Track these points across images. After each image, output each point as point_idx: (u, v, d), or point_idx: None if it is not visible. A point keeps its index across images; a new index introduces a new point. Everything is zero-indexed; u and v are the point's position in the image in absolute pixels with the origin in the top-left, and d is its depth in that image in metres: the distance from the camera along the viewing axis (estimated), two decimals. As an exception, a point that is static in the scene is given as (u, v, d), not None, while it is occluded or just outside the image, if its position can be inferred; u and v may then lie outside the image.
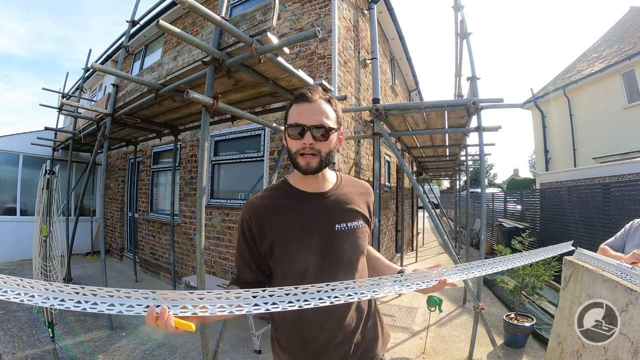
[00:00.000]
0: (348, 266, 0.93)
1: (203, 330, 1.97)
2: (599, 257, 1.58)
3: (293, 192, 0.96)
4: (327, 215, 0.93)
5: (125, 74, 2.94)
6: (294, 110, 0.90)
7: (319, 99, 0.90)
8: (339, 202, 0.97)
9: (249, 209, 0.94)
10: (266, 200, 0.96)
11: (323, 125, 0.87)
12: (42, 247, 2.52)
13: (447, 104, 3.25)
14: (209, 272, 4.30)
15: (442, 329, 3.51)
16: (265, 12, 1.94)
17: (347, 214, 0.95)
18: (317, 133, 0.87)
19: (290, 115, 0.91)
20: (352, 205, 0.98)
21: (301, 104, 0.89)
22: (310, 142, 0.86)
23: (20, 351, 2.75)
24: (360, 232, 0.96)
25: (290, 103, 0.93)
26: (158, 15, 5.27)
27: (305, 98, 0.89)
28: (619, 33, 10.88)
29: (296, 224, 0.91)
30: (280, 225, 0.91)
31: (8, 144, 6.42)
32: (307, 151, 0.87)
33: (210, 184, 4.50)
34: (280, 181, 1.02)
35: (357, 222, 0.96)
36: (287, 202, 0.94)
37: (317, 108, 0.89)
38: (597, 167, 7.28)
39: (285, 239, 0.90)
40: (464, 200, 7.01)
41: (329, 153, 0.92)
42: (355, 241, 0.94)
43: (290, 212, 0.93)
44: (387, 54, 6.66)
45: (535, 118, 12.56)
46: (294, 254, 0.89)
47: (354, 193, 1.02)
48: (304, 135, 0.86)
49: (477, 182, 13.56)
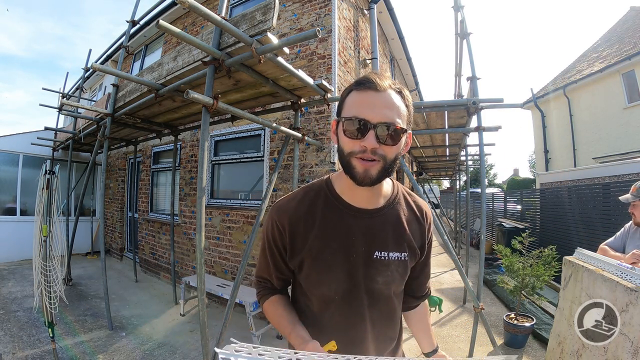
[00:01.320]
0: (379, 298, 0.79)
1: (203, 331, 1.97)
2: (599, 257, 1.58)
3: (337, 202, 0.78)
4: (369, 237, 0.77)
5: (125, 74, 2.94)
6: (355, 99, 0.68)
7: (389, 87, 0.68)
8: (387, 225, 0.79)
9: (280, 213, 0.79)
10: (302, 205, 0.79)
11: (394, 124, 0.66)
12: (42, 247, 2.52)
13: (447, 104, 3.25)
14: (209, 272, 4.30)
15: (442, 329, 3.51)
16: (265, 12, 1.94)
17: (392, 241, 0.78)
18: (384, 133, 0.65)
19: (348, 105, 0.70)
20: (401, 232, 0.80)
21: (365, 91, 0.67)
22: (374, 146, 0.65)
23: (20, 351, 2.75)
24: (400, 266, 0.79)
25: (350, 88, 0.71)
26: (158, 15, 5.27)
27: (372, 84, 0.67)
28: (619, 33, 10.88)
29: (333, 244, 0.76)
30: (314, 241, 0.76)
31: (8, 144, 6.42)
32: (368, 156, 0.66)
33: (210, 184, 4.50)
34: (320, 182, 0.83)
35: (400, 253, 0.78)
36: (327, 212, 0.78)
37: (387, 100, 0.67)
38: (597, 167, 7.28)
39: (316, 259, 0.76)
40: (464, 200, 7.01)
41: (395, 160, 0.70)
42: (392, 275, 0.78)
43: (329, 227, 0.77)
44: (387, 54, 6.66)
45: (535, 118, 12.56)
46: (324, 277, 0.76)
47: (407, 215, 0.83)
48: (365, 135, 0.65)
49: (477, 182, 13.56)
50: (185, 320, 3.60)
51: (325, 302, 0.79)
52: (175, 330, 3.33)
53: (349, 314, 0.79)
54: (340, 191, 0.79)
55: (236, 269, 3.95)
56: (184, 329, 3.36)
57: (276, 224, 0.79)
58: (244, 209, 3.99)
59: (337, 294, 0.77)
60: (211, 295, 3.87)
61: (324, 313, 0.81)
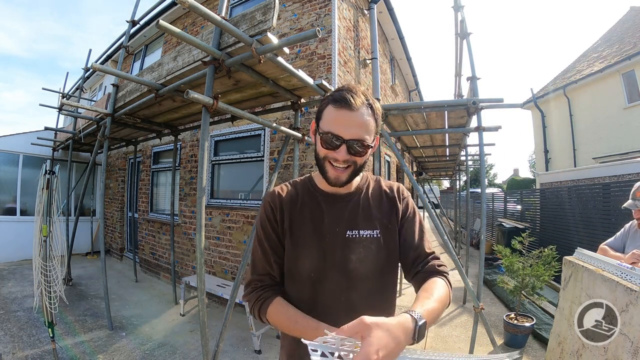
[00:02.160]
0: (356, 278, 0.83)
1: (203, 331, 1.97)
2: (599, 257, 1.58)
3: (315, 191, 0.91)
4: (341, 219, 0.86)
5: (125, 74, 2.94)
6: (331, 116, 0.78)
7: (361, 105, 0.77)
8: (358, 207, 0.88)
9: (273, 197, 0.91)
10: (289, 192, 0.92)
11: (362, 140, 0.77)
12: (42, 247, 2.52)
13: (447, 104, 3.25)
14: (209, 272, 4.30)
15: (442, 329, 3.51)
16: (265, 12, 1.94)
17: (363, 220, 0.86)
18: (355, 148, 0.77)
19: (325, 119, 0.80)
20: (372, 211, 0.88)
21: (340, 109, 0.77)
22: (345, 158, 0.78)
23: (20, 351, 2.75)
24: (373, 243, 0.85)
25: (327, 102, 0.81)
26: (158, 15, 5.27)
27: (347, 104, 0.76)
28: (619, 33, 10.88)
29: (309, 223, 0.86)
30: (295, 222, 0.87)
31: (8, 144, 6.42)
32: (339, 164, 0.79)
33: (210, 184, 4.50)
34: (305, 177, 0.97)
35: (372, 230, 0.86)
36: (306, 199, 0.90)
37: (359, 119, 0.77)
38: (597, 167, 7.28)
39: (293, 235, 0.86)
40: (464, 200, 7.01)
41: (364, 164, 0.83)
42: (364, 252, 0.83)
43: (307, 210, 0.88)
44: (387, 54, 6.66)
45: (535, 118, 12.56)
46: (299, 252, 0.84)
47: (377, 196, 0.92)
48: (338, 148, 0.77)
49: (477, 182, 13.56)
50: (185, 320, 3.60)
51: (303, 282, 0.84)
52: (175, 330, 3.33)
53: (327, 296, 0.83)
54: (318, 182, 0.92)
55: (236, 269, 3.95)
56: (184, 329, 3.36)
57: (269, 205, 0.89)
58: (244, 209, 3.99)
59: (313, 272, 0.83)
60: (211, 295, 3.87)
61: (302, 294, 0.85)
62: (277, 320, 0.82)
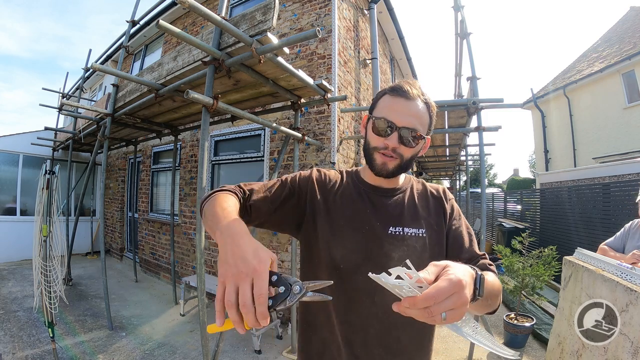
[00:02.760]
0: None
1: (203, 331, 1.97)
2: (599, 257, 1.58)
3: (360, 182, 0.87)
4: (384, 214, 0.81)
5: (125, 74, 2.94)
6: (386, 102, 0.78)
7: (417, 97, 0.77)
8: (403, 204, 0.84)
9: (318, 173, 0.88)
10: (333, 177, 0.89)
11: (415, 130, 0.75)
12: (42, 247, 2.52)
13: (447, 104, 3.25)
14: (209, 272, 4.30)
15: (442, 328, 3.51)
16: (265, 12, 1.94)
17: (409, 217, 0.82)
18: (406, 136, 0.75)
19: (379, 106, 0.79)
20: (418, 210, 0.84)
21: (396, 97, 0.77)
22: (395, 146, 0.75)
23: (20, 351, 2.75)
24: (419, 242, 0.80)
25: (384, 91, 0.81)
26: (158, 15, 5.27)
27: (403, 92, 0.76)
28: (619, 33, 10.88)
29: (348, 211, 0.81)
30: (332, 204, 0.82)
31: (8, 144, 6.42)
32: (388, 152, 0.76)
33: (210, 184, 4.49)
34: (352, 169, 0.94)
35: (417, 229, 0.81)
36: (349, 186, 0.86)
37: (413, 108, 0.76)
38: (597, 167, 7.28)
39: (330, 220, 0.80)
40: (464, 200, 7.01)
41: (411, 159, 0.80)
42: (409, 250, 0.78)
43: (349, 198, 0.84)
44: (387, 54, 6.66)
45: (535, 118, 12.56)
46: (331, 239, 0.78)
47: (424, 197, 0.89)
48: (390, 135, 0.75)
49: (477, 182, 13.56)
50: (185, 320, 3.60)
51: (323, 270, 0.78)
52: (175, 330, 3.33)
53: (352, 290, 0.76)
54: (363, 175, 0.89)
55: (236, 269, 3.94)
56: (184, 329, 3.36)
57: (310, 176, 0.87)
58: (244, 209, 3.98)
59: (342, 262, 0.76)
60: (211, 295, 3.87)
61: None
62: (208, 210, 0.68)
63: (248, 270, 0.48)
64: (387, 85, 0.83)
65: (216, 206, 0.67)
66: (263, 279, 0.47)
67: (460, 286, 0.47)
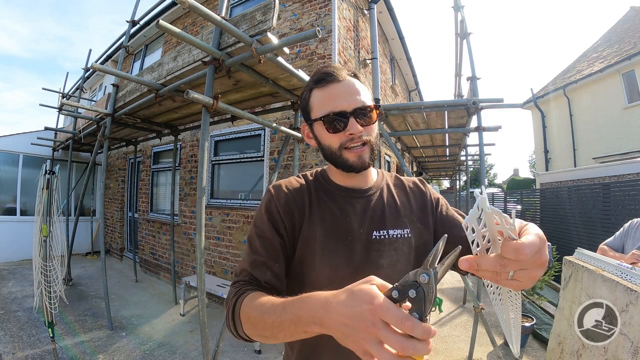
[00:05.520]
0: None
1: (203, 331, 1.97)
2: (599, 257, 1.58)
3: (329, 185, 0.78)
4: (364, 218, 0.73)
5: (125, 74, 2.94)
6: (322, 96, 0.71)
7: (345, 74, 0.71)
8: (382, 203, 0.76)
9: (278, 190, 0.75)
10: (297, 186, 0.77)
11: (366, 105, 0.69)
12: (42, 247, 2.52)
13: (447, 104, 3.25)
14: (209, 272, 4.30)
15: (442, 328, 3.51)
16: (265, 12, 1.94)
17: (391, 218, 0.74)
18: (362, 116, 0.69)
19: (317, 105, 0.72)
20: (399, 207, 0.77)
21: (328, 86, 0.70)
22: (359, 131, 0.68)
23: (20, 351, 2.75)
24: (405, 244, 0.73)
25: (309, 89, 0.74)
26: (158, 15, 5.27)
27: (333, 77, 0.70)
28: (619, 33, 10.88)
29: (327, 224, 0.71)
30: (308, 220, 0.72)
31: (8, 144, 6.42)
32: (358, 141, 0.69)
33: (210, 184, 4.50)
34: (316, 171, 0.83)
35: (402, 229, 0.74)
36: (320, 194, 0.76)
37: (351, 87, 0.70)
38: (597, 167, 7.28)
39: (309, 240, 0.70)
40: (464, 200, 7.00)
41: (377, 139, 0.74)
42: (396, 255, 0.71)
43: (323, 206, 0.74)
44: (387, 54, 6.66)
45: (535, 118, 12.56)
46: (317, 261, 0.69)
47: (404, 192, 0.81)
48: (347, 124, 0.68)
49: (477, 182, 13.55)
50: (185, 320, 3.60)
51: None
52: (175, 330, 3.33)
53: None
54: (332, 176, 0.80)
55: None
56: (184, 329, 3.36)
57: (274, 200, 0.74)
58: (244, 209, 3.99)
59: (330, 283, 0.62)
60: (211, 295, 3.87)
61: None
62: (250, 316, 0.58)
63: (366, 318, 0.39)
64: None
65: (254, 311, 0.57)
66: (387, 308, 0.39)
67: (545, 243, 0.42)
